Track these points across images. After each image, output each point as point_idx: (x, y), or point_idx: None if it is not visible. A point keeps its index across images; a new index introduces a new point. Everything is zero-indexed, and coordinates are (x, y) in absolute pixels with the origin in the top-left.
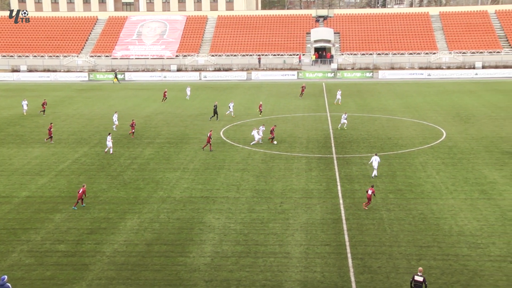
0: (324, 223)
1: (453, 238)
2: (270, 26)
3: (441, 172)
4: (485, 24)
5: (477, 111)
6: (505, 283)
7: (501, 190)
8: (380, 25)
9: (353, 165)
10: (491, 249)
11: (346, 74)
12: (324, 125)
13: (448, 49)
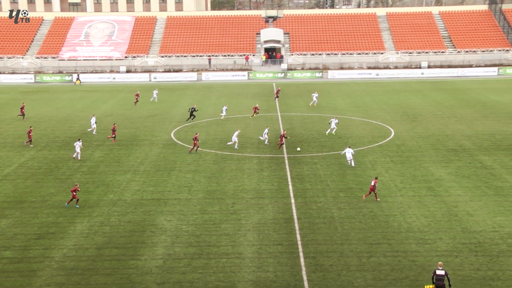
0: (276, 222)
1: (402, 235)
2: (220, 27)
3: (390, 170)
4: (430, 25)
5: (424, 109)
6: (452, 277)
7: (447, 186)
8: (329, 25)
9: (304, 165)
10: (438, 245)
11: (296, 74)
12: (275, 125)
13: (395, 49)
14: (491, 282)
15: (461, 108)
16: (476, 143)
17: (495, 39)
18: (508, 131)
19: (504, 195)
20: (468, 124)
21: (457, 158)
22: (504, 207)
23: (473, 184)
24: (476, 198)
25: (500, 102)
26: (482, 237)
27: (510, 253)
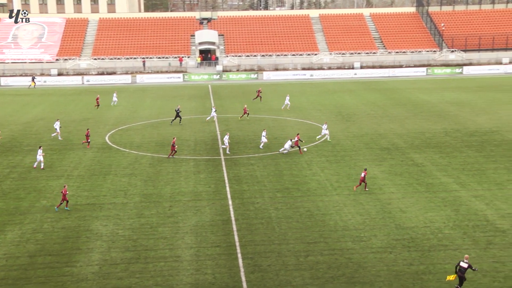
0: (213, 224)
1: (338, 233)
2: (154, 29)
3: (325, 169)
4: (362, 26)
5: (357, 109)
6: (386, 273)
7: (381, 184)
8: (263, 27)
9: (241, 166)
10: (373, 242)
11: (231, 75)
12: (211, 127)
13: (328, 50)
14: (423, 276)
15: (393, 108)
16: (408, 141)
17: (423, 40)
18: (437, 129)
19: (434, 191)
20: (399, 123)
21: (390, 156)
22: (434, 203)
23: (405, 182)
24: (409, 195)
25: (429, 101)
26: (415, 232)
27: (440, 247)
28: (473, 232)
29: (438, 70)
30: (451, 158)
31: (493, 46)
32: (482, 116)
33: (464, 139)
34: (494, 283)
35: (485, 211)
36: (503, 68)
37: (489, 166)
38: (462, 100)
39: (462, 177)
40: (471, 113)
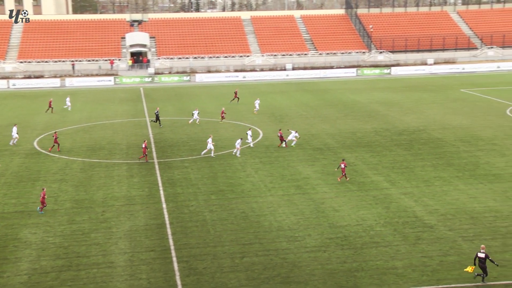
0: (148, 229)
1: (273, 234)
2: (83, 31)
3: (259, 170)
4: (293, 28)
5: (290, 110)
6: (320, 271)
7: (314, 184)
8: (195, 29)
9: (174, 169)
10: (307, 241)
11: (163, 78)
12: (144, 130)
13: (260, 52)
14: (356, 273)
15: (324, 108)
16: (340, 141)
17: (353, 42)
18: (367, 129)
19: (366, 190)
20: (331, 123)
21: (322, 156)
22: (366, 201)
23: (337, 181)
24: (341, 194)
25: (359, 101)
26: (347, 231)
27: (372, 244)
28: (403, 229)
29: (368, 71)
30: (381, 157)
31: (419, 47)
32: (410, 116)
33: (393, 138)
34: (423, 277)
35: (413, 207)
36: (428, 69)
37: (417, 164)
38: (391, 100)
39: (392, 175)
40: (399, 112)
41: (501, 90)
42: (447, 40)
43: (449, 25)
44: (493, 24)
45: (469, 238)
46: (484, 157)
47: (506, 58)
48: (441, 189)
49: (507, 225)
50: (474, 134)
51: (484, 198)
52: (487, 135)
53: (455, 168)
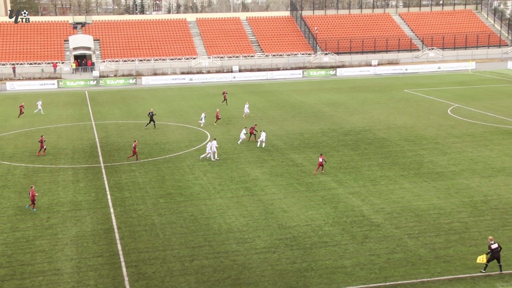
0: (95, 234)
1: (222, 236)
2: (24, 34)
3: (208, 173)
4: (239, 30)
5: (237, 112)
6: (270, 272)
7: (262, 186)
8: (140, 31)
9: (122, 173)
10: (257, 242)
11: (109, 81)
12: (90, 134)
13: (207, 54)
14: (305, 273)
15: (272, 110)
16: (287, 142)
17: (299, 44)
18: (314, 130)
19: (314, 190)
20: (279, 125)
21: (270, 157)
22: (314, 202)
23: (286, 182)
24: (290, 195)
25: (306, 102)
26: (297, 231)
27: (321, 244)
28: (351, 228)
29: (314, 72)
30: (329, 157)
31: (363, 48)
32: (356, 116)
33: (340, 139)
34: (371, 275)
35: (361, 207)
36: (373, 70)
37: (364, 163)
38: (337, 101)
39: (339, 175)
40: (345, 113)
41: (442, 90)
42: (390, 42)
43: (392, 27)
44: (433, 26)
45: (415, 236)
46: (427, 156)
47: (446, 59)
48: (387, 188)
49: (449, 221)
50: (417, 133)
51: (428, 196)
52: (430, 134)
53: (400, 167)
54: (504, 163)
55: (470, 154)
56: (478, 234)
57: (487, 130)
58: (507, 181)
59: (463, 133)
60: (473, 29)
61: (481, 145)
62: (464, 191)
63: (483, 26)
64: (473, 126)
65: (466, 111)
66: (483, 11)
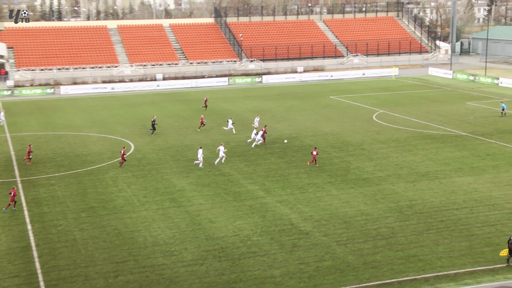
0: (11, 253)
1: (148, 249)
2: None
3: (132, 185)
4: (162, 37)
5: (162, 121)
6: (198, 285)
7: (189, 196)
8: (58, 39)
9: (40, 187)
10: (184, 255)
11: (24, 91)
12: (4, 147)
13: (129, 62)
14: (234, 284)
15: (197, 118)
16: (214, 151)
17: (223, 51)
18: (240, 138)
19: (242, 199)
20: (205, 134)
21: (197, 167)
22: (242, 211)
23: (213, 192)
24: (217, 205)
25: (232, 110)
26: (225, 242)
27: (250, 254)
28: (279, 237)
29: (239, 79)
30: (256, 166)
31: (289, 55)
32: (282, 123)
33: (267, 147)
34: (300, 284)
35: (289, 215)
36: (299, 76)
37: (291, 171)
38: (263, 108)
39: (267, 184)
40: (272, 120)
41: (367, 96)
42: (315, 48)
43: (317, 33)
44: (357, 33)
45: (343, 242)
46: (354, 162)
47: (370, 65)
48: (315, 195)
49: (377, 227)
50: (344, 139)
51: (356, 202)
52: (356, 140)
53: (328, 174)
54: (428, 168)
55: (395, 159)
56: (404, 238)
57: (411, 135)
58: (430, 185)
59: (388, 139)
60: (395, 36)
61: (406, 150)
62: (390, 196)
63: (405, 33)
64: (397, 132)
65: (391, 117)
66: (404, 18)
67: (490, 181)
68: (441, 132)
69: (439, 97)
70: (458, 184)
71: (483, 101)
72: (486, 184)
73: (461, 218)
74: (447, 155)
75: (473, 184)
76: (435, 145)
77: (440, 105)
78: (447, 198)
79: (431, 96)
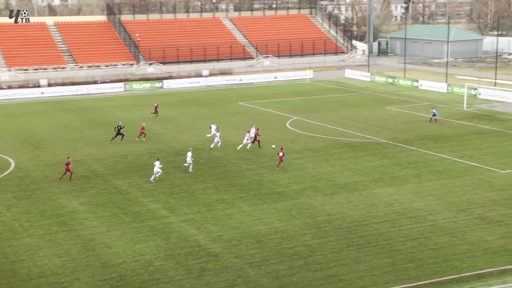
0: None
1: (32, 282)
2: None
3: (13, 208)
4: (45, 37)
5: (48, 134)
6: None
7: (81, 219)
8: None
9: None
10: (75, 286)
11: None
12: None
13: (7, 66)
14: None
15: (90, 129)
16: (109, 166)
17: (118, 53)
18: (140, 151)
19: (142, 220)
20: (99, 147)
21: (90, 185)
22: (143, 233)
23: (109, 212)
24: (114, 227)
25: (130, 120)
26: (123, 269)
27: (152, 282)
28: (185, 260)
29: (137, 85)
30: (158, 182)
31: (192, 57)
32: (187, 133)
33: (170, 160)
34: None
35: (196, 235)
36: (204, 81)
37: (198, 186)
38: (165, 117)
39: (171, 201)
40: (175, 130)
41: (279, 101)
42: (222, 50)
43: (223, 33)
44: (268, 32)
45: (256, 264)
46: (267, 175)
47: (282, 67)
48: (225, 212)
49: (293, 245)
50: (256, 150)
51: (270, 219)
52: (269, 151)
53: (238, 188)
54: (347, 179)
55: (311, 170)
56: (323, 257)
57: (328, 144)
58: (350, 197)
59: (303, 148)
60: (309, 35)
61: (323, 160)
62: (307, 211)
63: (319, 32)
64: (313, 140)
65: (306, 124)
66: (318, 16)
67: (412, 191)
68: (360, 139)
69: (357, 102)
70: (379, 195)
71: (403, 105)
72: (408, 195)
73: (382, 232)
74: (366, 164)
75: (394, 195)
76: (354, 154)
77: (358, 110)
78: (368, 211)
79: (349, 101)
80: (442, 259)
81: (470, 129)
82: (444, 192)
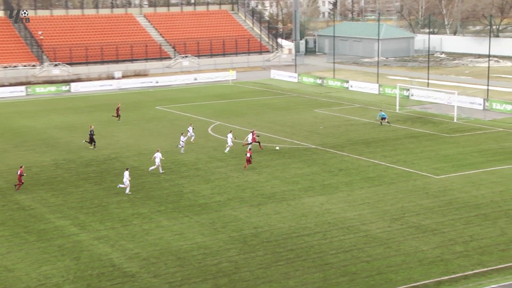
0: None
1: None
2: None
3: None
4: None
5: None
6: None
7: None
8: None
9: None
10: None
11: None
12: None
13: None
14: None
15: None
16: (10, 180)
17: (18, 52)
18: (45, 162)
19: (48, 239)
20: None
21: None
22: (49, 254)
23: (10, 232)
24: (16, 248)
25: (33, 127)
26: None
27: None
28: (98, 282)
29: (41, 88)
30: (66, 195)
31: (103, 58)
32: (99, 141)
33: (80, 171)
34: None
35: (110, 254)
36: (116, 83)
37: (111, 200)
38: (74, 124)
39: (81, 217)
40: (84, 138)
41: (200, 105)
42: (136, 49)
43: (137, 30)
44: (186, 30)
45: (177, 284)
46: (188, 185)
47: (203, 68)
48: (141, 228)
49: (217, 262)
50: (175, 159)
51: (191, 233)
52: (190, 159)
53: (156, 201)
54: (274, 188)
55: (236, 180)
56: (249, 274)
57: (253, 150)
58: (277, 208)
59: (227, 156)
60: (231, 33)
61: (248, 169)
62: (232, 224)
63: (242, 30)
64: (238, 147)
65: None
66: (240, 12)
67: (343, 200)
68: (288, 145)
69: (284, 105)
70: (309, 205)
71: (333, 108)
72: (340, 204)
73: (313, 245)
74: (295, 172)
75: (325, 204)
76: (282, 160)
77: (285, 114)
78: (297, 223)
79: (275, 104)
80: (376, 272)
81: (403, 132)
82: (377, 200)
